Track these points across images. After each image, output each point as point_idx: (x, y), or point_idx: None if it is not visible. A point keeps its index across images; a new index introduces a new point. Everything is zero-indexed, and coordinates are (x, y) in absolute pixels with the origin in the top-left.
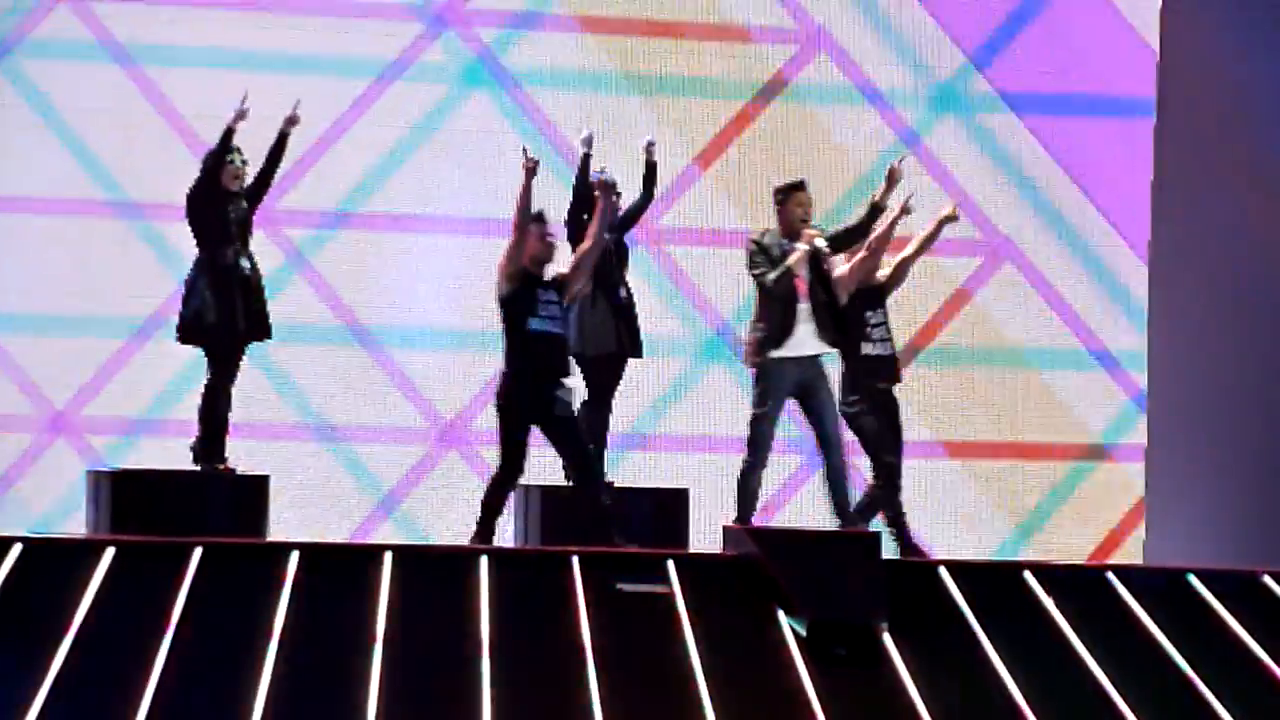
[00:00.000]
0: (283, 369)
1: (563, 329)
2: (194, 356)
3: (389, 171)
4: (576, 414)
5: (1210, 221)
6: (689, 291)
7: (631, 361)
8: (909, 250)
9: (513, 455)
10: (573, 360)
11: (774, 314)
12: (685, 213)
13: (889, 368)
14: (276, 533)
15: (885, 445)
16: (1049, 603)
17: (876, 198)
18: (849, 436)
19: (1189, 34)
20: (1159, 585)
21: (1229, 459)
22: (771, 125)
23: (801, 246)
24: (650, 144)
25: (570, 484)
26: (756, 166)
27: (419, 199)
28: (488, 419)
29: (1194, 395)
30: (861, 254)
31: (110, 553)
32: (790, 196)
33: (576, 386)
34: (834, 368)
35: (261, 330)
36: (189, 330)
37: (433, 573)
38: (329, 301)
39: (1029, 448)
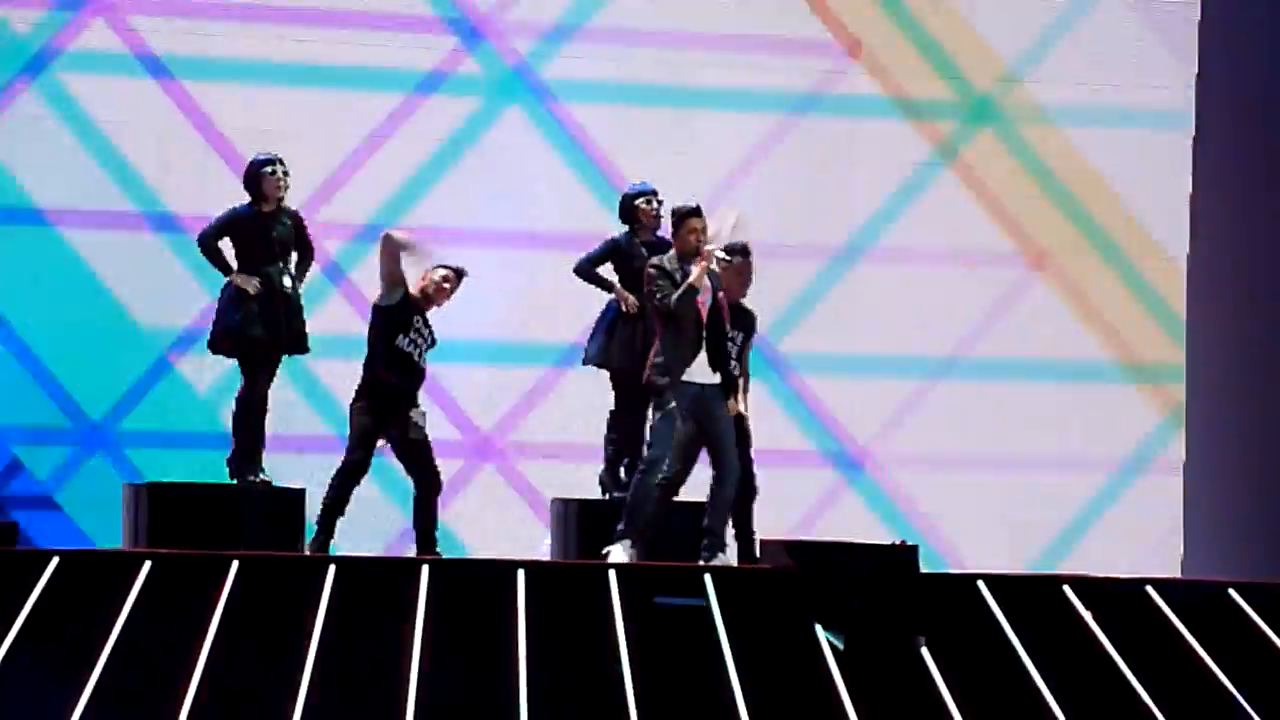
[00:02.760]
0: (319, 382)
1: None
2: (231, 368)
3: (425, 184)
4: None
5: (1249, 233)
6: None
7: None
8: None
9: (364, 459)
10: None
11: (680, 337)
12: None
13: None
14: None
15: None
16: (1088, 616)
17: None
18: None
19: (1227, 46)
20: (1199, 599)
21: (1268, 472)
22: (808, 139)
23: (701, 264)
24: None
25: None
26: (793, 180)
27: (455, 212)
28: (526, 431)
29: (1232, 408)
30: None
31: (147, 566)
32: (683, 224)
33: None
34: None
35: (299, 346)
36: (219, 339)
37: (469, 586)
38: (366, 314)
39: (1066, 460)
